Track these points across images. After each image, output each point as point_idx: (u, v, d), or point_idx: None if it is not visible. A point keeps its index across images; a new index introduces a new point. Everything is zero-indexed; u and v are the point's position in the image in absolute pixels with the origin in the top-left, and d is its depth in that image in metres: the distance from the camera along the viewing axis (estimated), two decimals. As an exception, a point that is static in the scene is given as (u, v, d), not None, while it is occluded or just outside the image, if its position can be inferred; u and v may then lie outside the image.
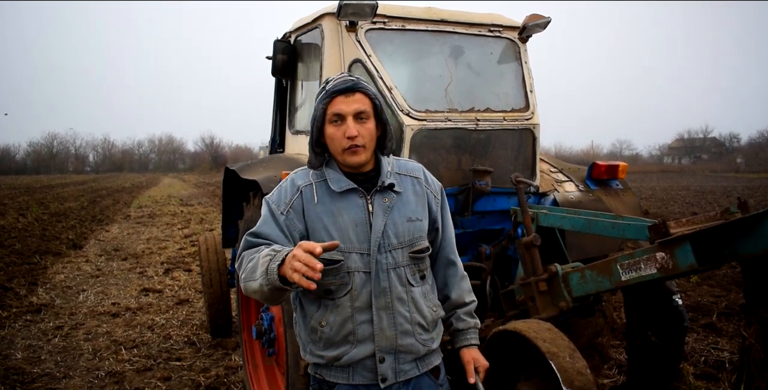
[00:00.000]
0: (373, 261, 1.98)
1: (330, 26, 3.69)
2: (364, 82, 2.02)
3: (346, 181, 2.02)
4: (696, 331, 5.76)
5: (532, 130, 3.83)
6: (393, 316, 1.99)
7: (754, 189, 28.54)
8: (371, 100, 2.00)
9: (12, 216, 16.89)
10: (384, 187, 2.03)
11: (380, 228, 1.99)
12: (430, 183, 2.17)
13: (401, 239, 2.02)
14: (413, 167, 2.17)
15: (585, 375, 2.34)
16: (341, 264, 1.97)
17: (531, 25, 3.94)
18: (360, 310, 1.98)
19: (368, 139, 1.98)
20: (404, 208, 2.05)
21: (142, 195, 30.18)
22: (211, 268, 5.58)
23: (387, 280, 1.99)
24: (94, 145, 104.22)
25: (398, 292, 2.00)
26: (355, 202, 2.01)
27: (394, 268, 2.01)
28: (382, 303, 1.98)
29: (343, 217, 1.98)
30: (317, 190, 2.02)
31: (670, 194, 26.64)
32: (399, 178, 2.09)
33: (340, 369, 2.01)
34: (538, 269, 3.25)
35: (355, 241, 1.98)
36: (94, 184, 41.90)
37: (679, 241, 2.37)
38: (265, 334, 3.68)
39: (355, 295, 1.98)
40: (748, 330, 2.34)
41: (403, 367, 2.02)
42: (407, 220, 2.03)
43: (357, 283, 1.97)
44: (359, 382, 2.00)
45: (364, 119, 1.97)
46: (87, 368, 5.13)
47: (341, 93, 1.97)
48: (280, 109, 4.75)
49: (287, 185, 2.06)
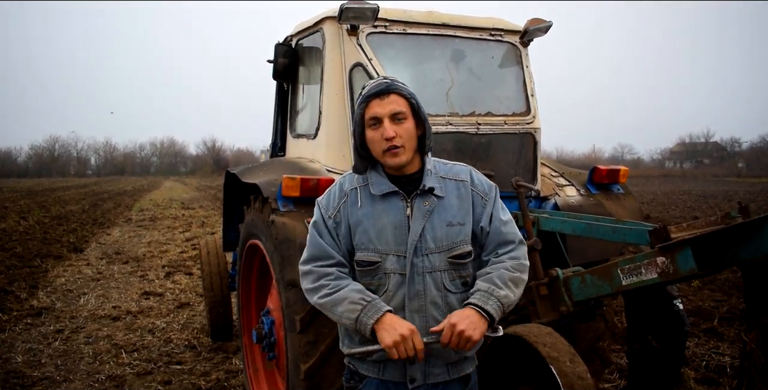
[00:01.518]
0: (408, 264, 1.99)
1: (331, 30, 3.70)
2: (399, 83, 2.02)
3: (387, 185, 2.05)
4: (697, 335, 5.75)
5: (533, 134, 3.83)
6: (426, 320, 2.00)
7: (756, 193, 28.52)
8: (407, 99, 2.01)
9: (13, 219, 16.90)
10: (424, 191, 2.04)
11: (418, 231, 2.00)
12: (477, 184, 2.12)
13: (439, 243, 2.01)
14: (459, 170, 2.14)
15: (585, 379, 2.33)
16: (378, 265, 2.01)
17: (532, 29, 3.94)
18: (394, 311, 1.99)
19: (407, 139, 2.00)
20: (445, 212, 2.04)
21: (144, 198, 30.20)
22: (212, 271, 5.58)
23: (422, 284, 2.00)
24: (96, 149, 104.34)
25: (433, 296, 2.01)
26: (396, 205, 2.04)
27: (431, 271, 2.01)
28: (415, 305, 2.00)
29: (382, 220, 2.02)
30: (361, 194, 2.07)
31: (671, 198, 26.63)
32: (443, 182, 2.08)
33: (372, 363, 2.05)
34: (539, 273, 3.24)
35: (393, 244, 2.01)
36: (96, 188, 41.94)
37: (679, 245, 2.36)
38: (265, 338, 3.68)
39: (390, 296, 2.01)
40: (749, 335, 2.33)
41: (433, 370, 2.03)
42: (447, 225, 2.02)
43: (392, 284, 2.01)
44: (389, 379, 2.03)
45: (401, 120, 1.99)
46: (87, 372, 5.12)
47: (376, 96, 1.99)
48: (281, 113, 4.76)
49: (335, 190, 2.13)
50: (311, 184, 3.25)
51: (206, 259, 5.67)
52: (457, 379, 2.08)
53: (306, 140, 4.08)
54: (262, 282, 4.28)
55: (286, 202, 3.30)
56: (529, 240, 3.37)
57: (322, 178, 3.32)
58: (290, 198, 3.28)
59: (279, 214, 3.25)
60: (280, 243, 3.16)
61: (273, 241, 3.24)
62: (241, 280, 4.37)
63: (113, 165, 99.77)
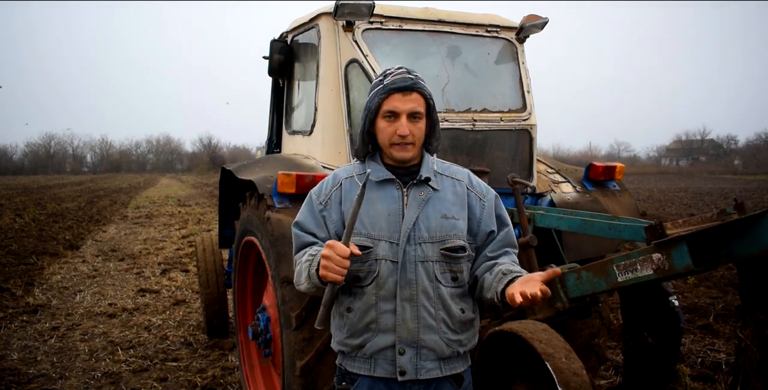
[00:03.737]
0: (401, 251, 2.00)
1: (327, 26, 3.69)
2: (422, 81, 2.03)
3: (384, 172, 2.07)
4: (693, 332, 5.76)
5: (529, 130, 3.83)
6: (417, 309, 2.00)
7: (752, 191, 28.59)
8: (426, 100, 2.02)
9: (9, 216, 16.84)
10: (421, 181, 2.05)
11: (412, 219, 2.01)
12: (475, 185, 2.15)
13: (433, 234, 2.01)
14: (457, 170, 2.17)
15: (581, 376, 2.33)
16: (370, 251, 2.01)
17: (528, 25, 3.94)
18: (384, 298, 2.00)
19: (418, 138, 2.03)
20: (440, 204, 2.05)
21: (140, 195, 30.13)
22: (208, 268, 5.57)
23: (414, 272, 2.00)
24: (92, 146, 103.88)
25: (424, 286, 2.00)
26: (391, 193, 2.05)
27: (423, 261, 2.01)
28: (407, 294, 1.99)
29: (376, 206, 2.03)
30: (358, 181, 2.09)
31: (668, 195, 26.68)
32: (440, 177, 2.10)
33: (362, 360, 2.04)
34: (535, 270, 3.24)
35: (386, 230, 2.01)
36: (92, 185, 41.82)
37: (675, 242, 2.36)
38: (261, 335, 3.68)
39: (381, 283, 2.01)
40: (744, 331, 2.33)
41: (425, 364, 2.01)
42: (441, 216, 2.03)
43: (384, 271, 2.01)
44: (380, 375, 2.02)
45: (417, 119, 2.01)
46: (83, 369, 5.11)
47: (399, 90, 1.99)
48: (276, 110, 4.75)
49: (329, 178, 2.17)
50: (307, 181, 3.24)
51: (202, 256, 5.66)
52: (449, 378, 2.06)
53: (302, 137, 4.07)
54: (258, 279, 4.27)
55: (282, 199, 3.29)
56: (525, 237, 3.38)
57: (317, 174, 3.31)
58: (286, 194, 3.28)
59: (274, 210, 3.24)
60: (275, 240, 3.15)
61: (268, 237, 3.23)
62: (237, 277, 4.36)
63: (109, 162, 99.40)
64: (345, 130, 3.64)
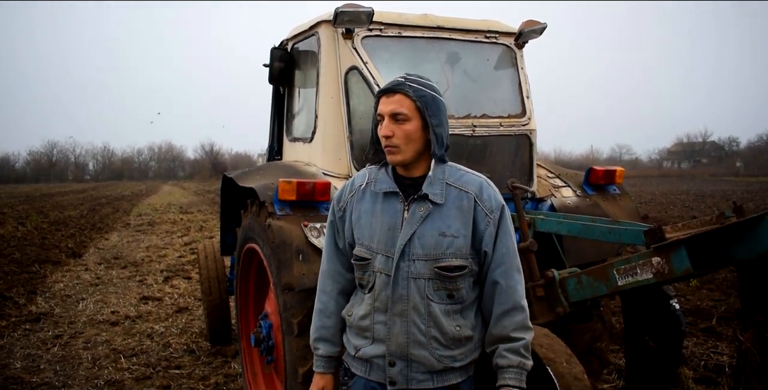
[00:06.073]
0: (394, 266, 1.99)
1: (326, 34, 3.71)
2: (413, 84, 1.99)
3: (388, 184, 2.06)
4: (695, 335, 5.76)
5: (529, 135, 3.84)
6: (407, 325, 1.98)
7: (754, 193, 28.57)
8: (413, 101, 1.97)
9: (11, 225, 16.88)
10: (421, 197, 2.00)
11: (407, 235, 1.98)
12: (485, 200, 2.01)
13: (427, 251, 1.97)
14: (469, 180, 2.05)
15: (582, 380, 2.34)
16: (368, 262, 2.04)
17: (527, 31, 3.96)
18: (379, 310, 2.01)
19: (403, 141, 1.97)
20: (439, 221, 1.98)
21: (142, 203, 30.17)
22: (210, 275, 5.58)
23: (406, 288, 1.98)
24: (94, 154, 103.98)
25: (416, 303, 1.98)
26: (394, 206, 2.04)
27: (415, 278, 1.98)
28: (398, 309, 1.99)
29: (378, 218, 2.04)
30: (367, 190, 2.10)
31: (669, 198, 26.66)
32: (447, 188, 2.01)
33: (360, 362, 2.08)
34: (535, 275, 3.25)
35: (383, 244, 2.01)
36: (94, 193, 41.89)
37: (674, 245, 2.37)
38: (263, 342, 3.68)
39: (376, 295, 2.02)
40: (745, 334, 2.34)
41: (416, 376, 1.99)
42: (439, 234, 1.97)
43: (379, 284, 2.02)
44: (375, 379, 2.04)
45: (401, 120, 1.98)
46: (86, 377, 5.12)
47: (384, 93, 2.01)
48: (277, 117, 4.77)
49: (348, 184, 2.19)
50: (307, 188, 3.26)
51: (204, 264, 5.67)
52: (444, 388, 2.02)
53: (302, 144, 4.09)
54: (260, 286, 4.28)
55: (283, 206, 3.30)
56: (525, 241, 3.39)
57: (318, 181, 3.32)
58: (287, 202, 3.29)
59: (276, 217, 3.25)
60: (277, 247, 3.16)
61: (270, 244, 3.24)
62: (239, 284, 4.37)
63: (111, 170, 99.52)
64: (345, 136, 3.66)
